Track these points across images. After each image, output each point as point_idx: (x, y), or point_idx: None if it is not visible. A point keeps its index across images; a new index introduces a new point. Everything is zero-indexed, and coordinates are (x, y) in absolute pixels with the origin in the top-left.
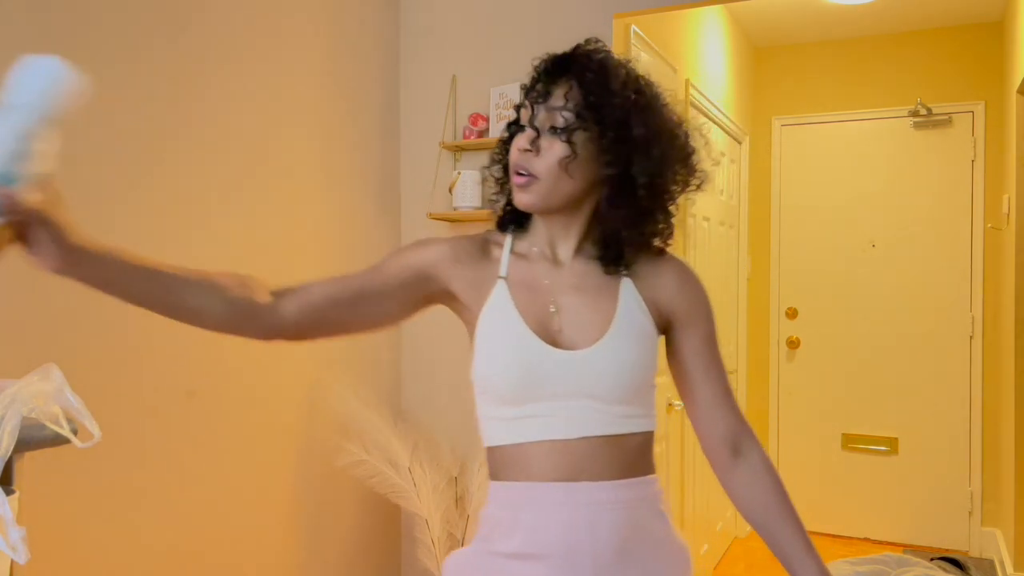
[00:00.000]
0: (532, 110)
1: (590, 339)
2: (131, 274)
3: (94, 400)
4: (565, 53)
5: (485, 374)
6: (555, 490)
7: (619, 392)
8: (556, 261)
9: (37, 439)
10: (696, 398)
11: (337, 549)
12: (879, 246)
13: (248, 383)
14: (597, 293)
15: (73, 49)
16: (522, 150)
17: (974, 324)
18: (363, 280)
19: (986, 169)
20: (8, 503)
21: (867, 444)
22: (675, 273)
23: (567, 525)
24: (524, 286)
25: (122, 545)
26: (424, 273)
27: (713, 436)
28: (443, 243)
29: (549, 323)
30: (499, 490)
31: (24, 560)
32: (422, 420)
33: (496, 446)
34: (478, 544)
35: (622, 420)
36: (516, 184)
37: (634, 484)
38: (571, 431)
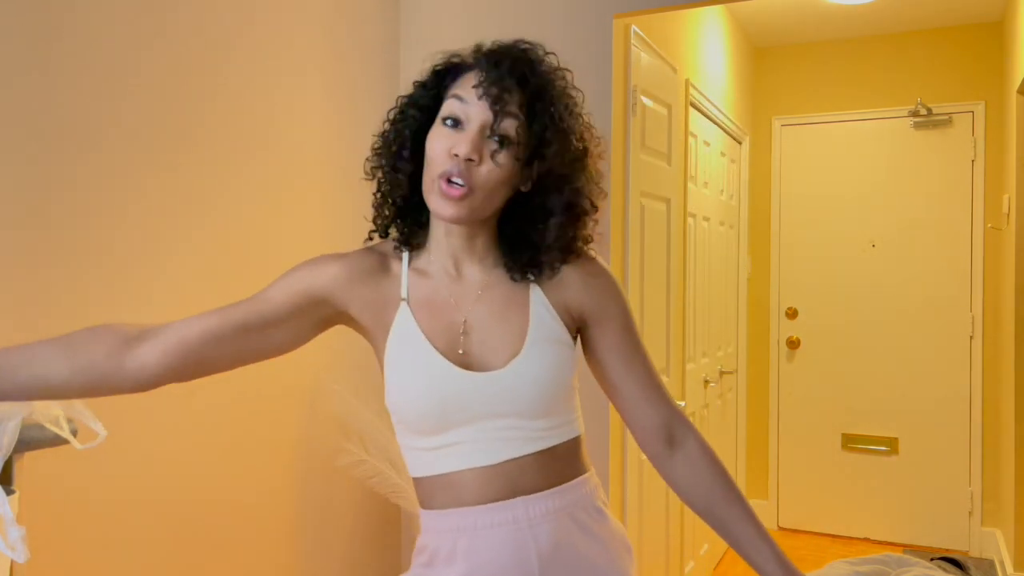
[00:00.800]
0: (493, 114)
1: (504, 357)
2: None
3: (94, 400)
4: (515, 54)
5: (399, 405)
6: (492, 511)
7: (540, 408)
8: (459, 276)
9: (37, 439)
10: (622, 393)
11: (337, 549)
12: (879, 246)
13: (248, 383)
14: (506, 306)
15: (73, 48)
16: (466, 158)
17: (974, 324)
18: (247, 312)
19: (986, 169)
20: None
21: (867, 444)
22: (580, 270)
23: (508, 543)
24: (428, 306)
25: (122, 545)
26: (316, 297)
27: (646, 429)
28: (336, 263)
29: (459, 345)
30: (432, 519)
31: (23, 559)
32: None
33: (422, 476)
34: (418, 571)
35: (547, 433)
36: (447, 194)
37: (568, 489)
38: (498, 455)
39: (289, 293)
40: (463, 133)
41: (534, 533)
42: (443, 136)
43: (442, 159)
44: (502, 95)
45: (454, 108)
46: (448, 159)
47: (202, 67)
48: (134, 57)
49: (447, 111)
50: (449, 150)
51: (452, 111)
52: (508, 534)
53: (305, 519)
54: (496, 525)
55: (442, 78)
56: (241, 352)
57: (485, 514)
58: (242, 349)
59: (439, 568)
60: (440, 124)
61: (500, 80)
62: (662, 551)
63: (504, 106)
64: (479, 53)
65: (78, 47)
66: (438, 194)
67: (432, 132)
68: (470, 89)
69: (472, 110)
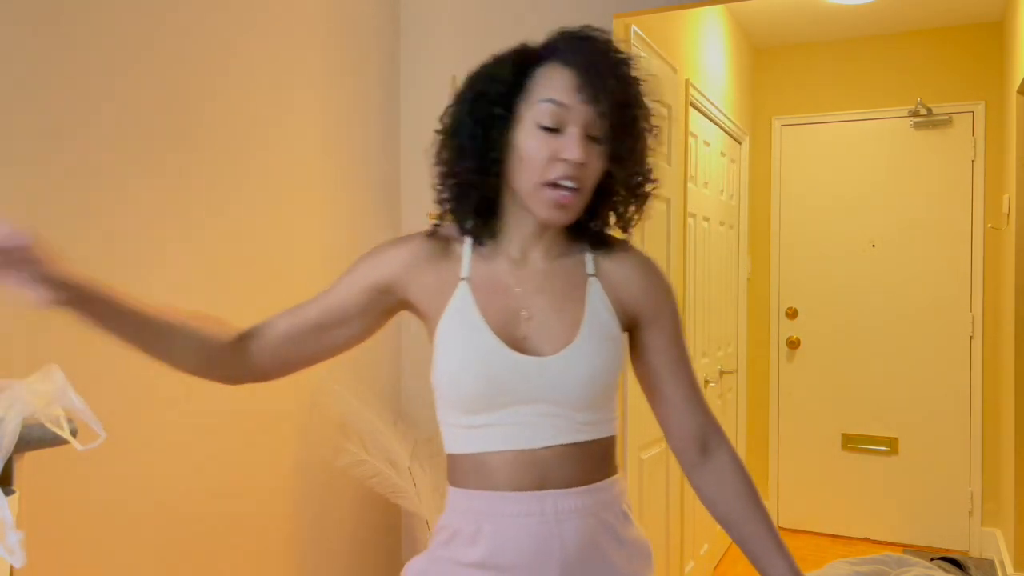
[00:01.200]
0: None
1: (557, 344)
2: (125, 317)
3: (94, 400)
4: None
5: (446, 380)
6: (520, 500)
7: (585, 399)
8: (522, 262)
9: (37, 439)
10: (664, 397)
11: (337, 549)
12: (879, 246)
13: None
14: (564, 295)
15: (73, 47)
16: (580, 162)
17: (974, 324)
18: (319, 312)
19: (986, 169)
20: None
21: (867, 444)
22: (640, 270)
23: (534, 535)
24: (487, 287)
25: (122, 545)
26: (381, 288)
27: (683, 435)
28: (398, 252)
29: (515, 327)
30: (461, 498)
31: (21, 564)
32: (422, 420)
33: (457, 453)
34: (437, 551)
35: (586, 427)
36: (559, 201)
37: (598, 489)
38: (536, 440)
39: (356, 289)
40: (566, 137)
41: (560, 528)
42: (543, 141)
43: (546, 164)
44: (600, 97)
45: (555, 113)
46: (554, 164)
47: (201, 67)
48: (134, 57)
49: (547, 118)
50: (554, 155)
51: (553, 117)
52: (534, 525)
53: (305, 519)
54: (523, 515)
55: (518, 71)
56: (316, 352)
57: (514, 502)
58: (317, 348)
59: (458, 548)
60: (536, 128)
61: (600, 82)
62: (662, 551)
63: (602, 107)
64: (570, 50)
65: (78, 44)
66: (547, 201)
67: (527, 137)
68: (570, 93)
69: (572, 114)
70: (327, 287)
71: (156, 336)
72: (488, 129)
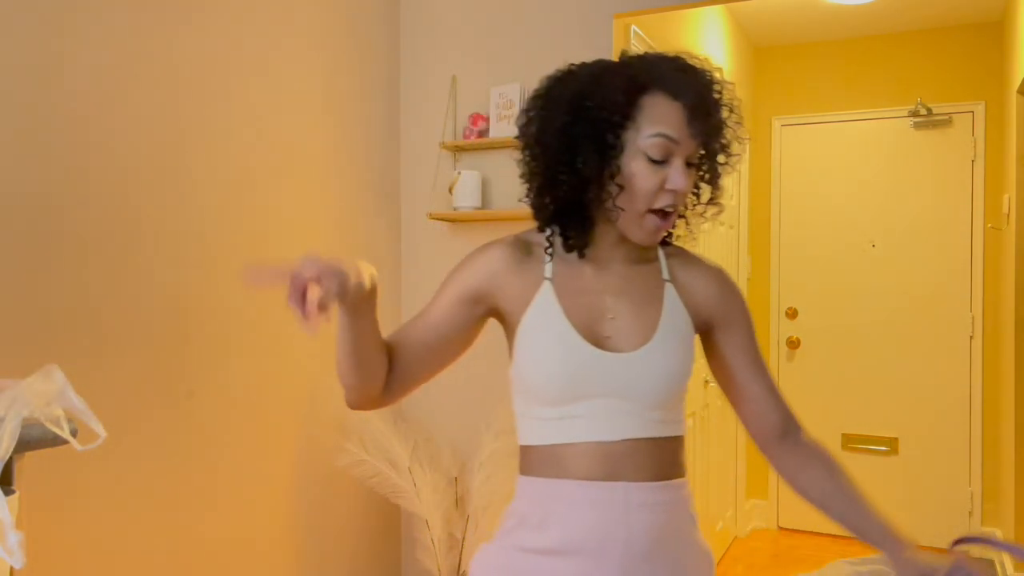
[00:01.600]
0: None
1: (635, 343)
2: (372, 335)
3: (94, 400)
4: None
5: (528, 373)
6: (591, 489)
7: (659, 397)
8: (605, 266)
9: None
10: (745, 395)
11: (337, 549)
12: (879, 246)
13: (248, 383)
14: (643, 297)
15: (73, 48)
16: (685, 192)
17: (974, 324)
18: (424, 331)
19: (986, 169)
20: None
21: (867, 444)
22: (711, 277)
23: (601, 523)
24: (570, 287)
25: (122, 545)
26: (473, 298)
27: (764, 428)
28: (485, 258)
29: (597, 326)
30: (531, 485)
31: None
32: (422, 420)
33: (533, 445)
34: (503, 539)
35: (658, 424)
36: (661, 227)
37: (668, 487)
38: (611, 433)
39: (450, 304)
40: (672, 168)
41: (628, 520)
42: (652, 171)
43: (653, 195)
44: (710, 132)
45: (665, 147)
46: (661, 193)
47: (201, 66)
48: (134, 57)
49: (657, 152)
50: (661, 185)
51: (664, 151)
52: (603, 514)
53: (305, 519)
54: (593, 502)
55: (631, 97)
56: (424, 372)
57: (585, 489)
58: (424, 369)
59: (525, 534)
60: (645, 160)
61: (708, 117)
62: None
63: (709, 140)
64: (677, 82)
65: (78, 45)
66: (649, 227)
67: (637, 165)
68: (681, 128)
69: (681, 148)
70: (426, 306)
71: (375, 346)
72: (611, 161)
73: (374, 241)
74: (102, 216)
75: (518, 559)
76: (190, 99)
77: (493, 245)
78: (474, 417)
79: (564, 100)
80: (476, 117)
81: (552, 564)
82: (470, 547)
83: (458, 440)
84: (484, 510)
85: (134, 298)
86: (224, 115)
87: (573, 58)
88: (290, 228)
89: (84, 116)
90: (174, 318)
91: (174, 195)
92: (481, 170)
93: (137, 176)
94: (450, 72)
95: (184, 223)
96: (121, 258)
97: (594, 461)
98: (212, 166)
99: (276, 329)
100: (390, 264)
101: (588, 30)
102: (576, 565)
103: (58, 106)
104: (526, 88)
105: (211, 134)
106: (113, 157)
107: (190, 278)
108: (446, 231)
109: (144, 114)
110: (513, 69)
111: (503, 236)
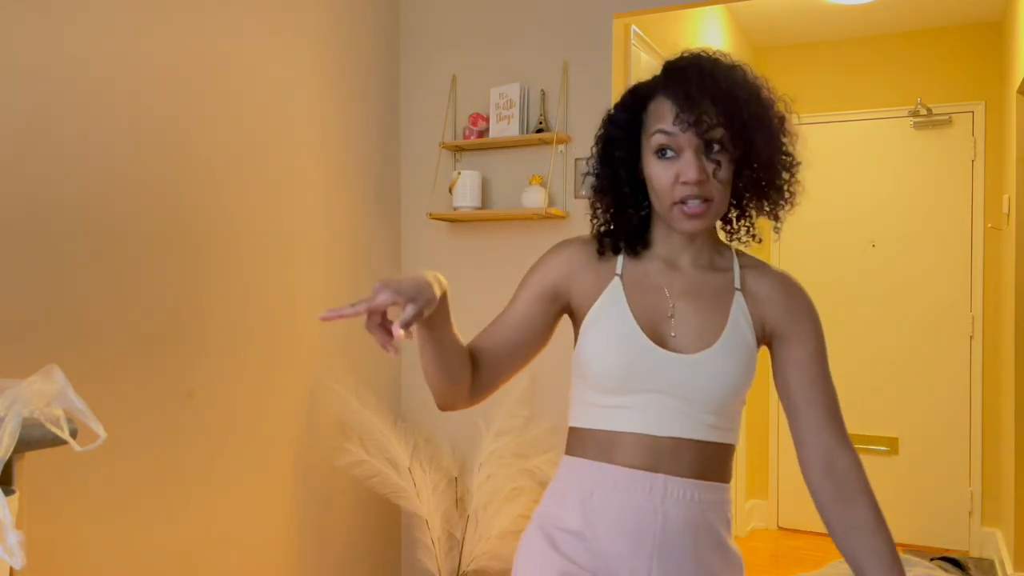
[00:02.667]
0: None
1: (697, 346)
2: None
3: (94, 400)
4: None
5: (588, 361)
6: (632, 476)
7: (714, 402)
8: (673, 268)
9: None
10: (797, 412)
11: (337, 549)
12: (879, 246)
13: (248, 383)
14: (710, 303)
15: (76, 48)
16: (697, 181)
17: (974, 324)
18: (510, 330)
19: (986, 169)
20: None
21: (867, 444)
22: (783, 289)
23: (638, 509)
24: (638, 286)
25: (121, 545)
26: (550, 295)
27: (807, 453)
28: (562, 255)
29: (660, 324)
30: (575, 465)
31: (20, 565)
32: (422, 420)
33: (584, 427)
34: (540, 519)
35: (709, 429)
36: (690, 214)
37: (707, 487)
38: (661, 428)
39: (530, 302)
40: (682, 160)
41: (665, 509)
42: (663, 168)
43: (671, 189)
44: (701, 118)
45: (663, 142)
46: (677, 187)
47: (201, 65)
48: (134, 55)
49: (657, 145)
50: (675, 179)
51: (662, 144)
52: (641, 501)
53: (305, 518)
54: (633, 490)
55: (634, 110)
56: (510, 370)
57: (626, 476)
58: (510, 367)
59: (563, 512)
60: (655, 158)
61: (694, 105)
62: None
63: (706, 127)
64: (672, 80)
65: (80, 43)
66: (679, 218)
67: (650, 166)
68: (671, 122)
69: (681, 139)
70: (507, 305)
71: (463, 366)
72: (617, 169)
73: (374, 241)
74: (103, 217)
75: (558, 537)
76: (190, 99)
77: (569, 242)
78: (474, 417)
79: (599, 129)
80: (476, 117)
81: (587, 545)
82: (470, 547)
83: (458, 440)
84: (484, 510)
85: (135, 298)
86: (224, 115)
87: (573, 58)
88: (291, 228)
89: (83, 117)
90: (174, 318)
91: (174, 195)
92: (481, 170)
93: (138, 177)
94: (450, 72)
95: (184, 223)
96: (122, 258)
97: (638, 451)
98: (212, 166)
99: (277, 329)
100: (390, 264)
101: (588, 30)
102: (610, 549)
103: (58, 106)
104: (526, 88)
105: (211, 134)
106: (114, 158)
107: (190, 278)
108: (446, 231)
109: (144, 115)
110: (513, 69)
111: (579, 235)
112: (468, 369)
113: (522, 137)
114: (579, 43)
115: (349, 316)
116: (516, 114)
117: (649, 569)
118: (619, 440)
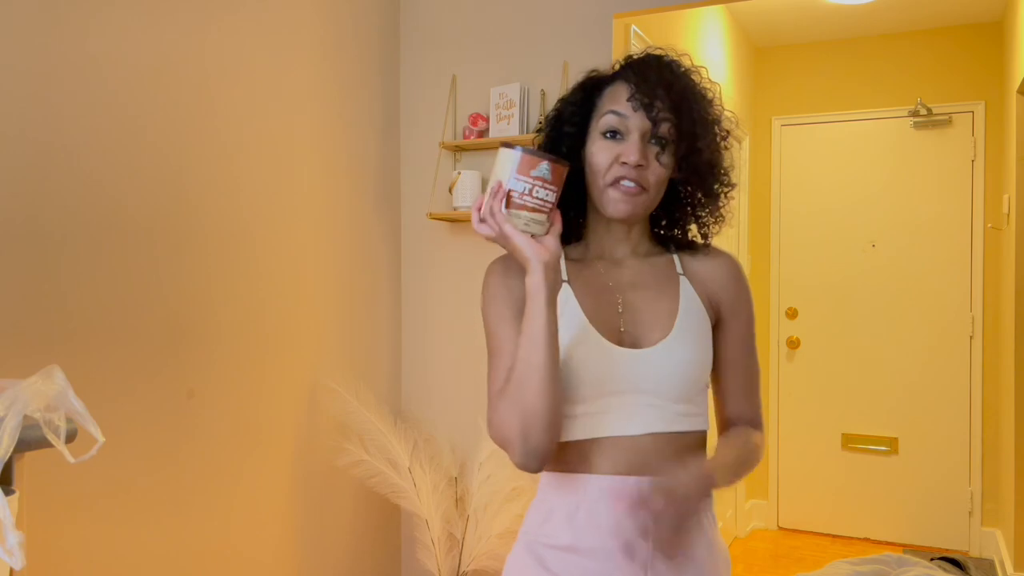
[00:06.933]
0: (651, 121)
1: (654, 337)
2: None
3: (94, 400)
4: (655, 62)
5: None
6: (618, 483)
7: (681, 390)
8: (616, 263)
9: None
10: (720, 385)
11: (337, 549)
12: (879, 246)
13: (248, 383)
14: (658, 291)
15: (76, 48)
16: (636, 164)
17: (974, 324)
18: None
19: (986, 169)
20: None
21: (867, 444)
22: (725, 267)
23: (626, 519)
24: (586, 287)
25: (122, 545)
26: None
27: (723, 420)
28: (512, 274)
29: (614, 322)
30: (559, 480)
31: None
32: (422, 420)
33: (560, 441)
34: (533, 533)
35: (681, 418)
36: (626, 193)
37: None
38: (636, 427)
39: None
40: (626, 143)
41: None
42: (606, 148)
43: (608, 168)
44: (655, 103)
45: (613, 122)
46: (615, 167)
47: (201, 65)
48: (136, 54)
49: (606, 125)
50: (615, 159)
51: (611, 125)
52: (628, 508)
53: (305, 519)
54: (619, 498)
55: (588, 93)
56: None
57: (614, 484)
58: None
59: (552, 528)
60: (600, 137)
61: (651, 90)
62: None
63: (659, 112)
64: (630, 68)
65: (80, 42)
66: (611, 199)
67: (593, 145)
68: (624, 102)
69: (631, 122)
70: (500, 347)
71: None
72: (561, 148)
73: (374, 241)
74: (103, 216)
75: (547, 556)
76: (189, 99)
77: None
78: (474, 417)
79: (550, 112)
80: (476, 117)
81: (579, 561)
82: (470, 547)
83: (458, 440)
84: (484, 510)
85: (135, 298)
86: (223, 115)
87: (573, 58)
88: (291, 228)
89: (82, 117)
90: (174, 318)
91: (174, 196)
92: (481, 170)
93: (138, 177)
94: (450, 72)
95: (184, 223)
96: (122, 258)
97: (620, 456)
98: (212, 166)
99: (277, 329)
100: (390, 264)
101: (588, 30)
102: (602, 560)
103: (57, 107)
104: (526, 88)
105: (211, 134)
106: (113, 158)
107: (190, 278)
108: (446, 231)
109: (143, 115)
110: (513, 69)
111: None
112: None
113: (522, 137)
114: (579, 43)
115: None
116: (516, 114)
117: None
118: (597, 448)
